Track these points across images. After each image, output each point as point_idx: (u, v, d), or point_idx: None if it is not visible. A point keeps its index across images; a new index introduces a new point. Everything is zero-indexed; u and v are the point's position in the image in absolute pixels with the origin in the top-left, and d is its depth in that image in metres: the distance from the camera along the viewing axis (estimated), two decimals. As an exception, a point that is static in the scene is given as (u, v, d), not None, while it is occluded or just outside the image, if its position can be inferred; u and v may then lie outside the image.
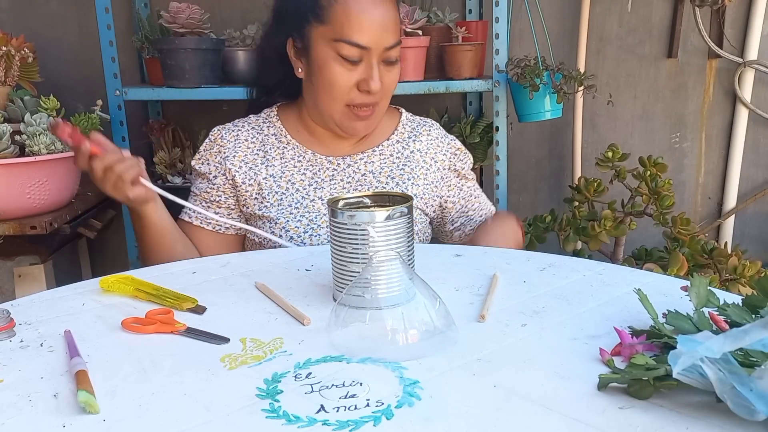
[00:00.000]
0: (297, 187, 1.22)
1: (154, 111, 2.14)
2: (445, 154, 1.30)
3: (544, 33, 1.98)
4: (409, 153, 1.27)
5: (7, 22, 2.06)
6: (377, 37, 1.12)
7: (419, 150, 1.28)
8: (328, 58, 1.14)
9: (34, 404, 0.61)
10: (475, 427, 0.55)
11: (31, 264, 1.68)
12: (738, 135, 2.11)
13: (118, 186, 1.07)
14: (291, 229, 1.18)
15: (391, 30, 1.14)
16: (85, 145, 1.05)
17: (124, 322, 0.78)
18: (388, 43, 1.14)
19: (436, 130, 1.32)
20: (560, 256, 1.01)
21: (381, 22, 1.13)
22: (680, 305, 0.71)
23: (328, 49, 1.14)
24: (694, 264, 1.74)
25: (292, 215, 1.19)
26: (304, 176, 1.23)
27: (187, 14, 1.78)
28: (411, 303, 0.73)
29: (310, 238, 1.18)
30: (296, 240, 1.18)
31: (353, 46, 1.12)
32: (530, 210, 2.17)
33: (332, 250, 0.82)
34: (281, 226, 1.19)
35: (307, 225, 1.19)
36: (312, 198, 1.21)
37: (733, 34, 2.06)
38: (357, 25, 1.11)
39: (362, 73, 1.14)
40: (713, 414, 0.55)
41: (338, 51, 1.13)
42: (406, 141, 1.28)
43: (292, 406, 0.59)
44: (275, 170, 1.23)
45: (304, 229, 1.18)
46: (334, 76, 1.14)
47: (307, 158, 1.24)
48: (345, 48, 1.12)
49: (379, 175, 1.24)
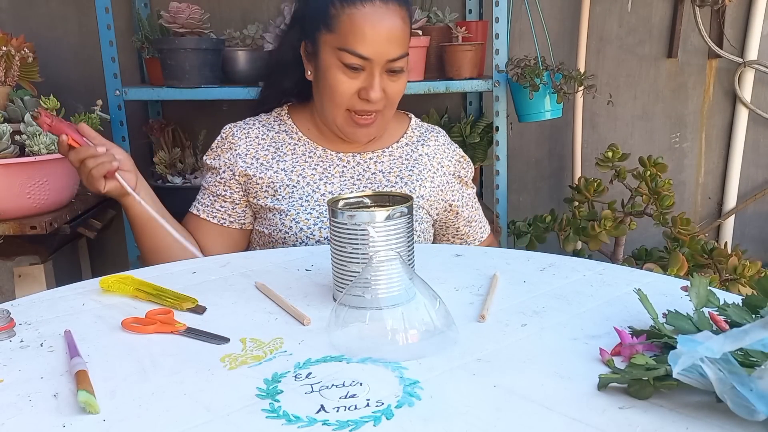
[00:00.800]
0: (308, 180, 1.24)
1: (154, 111, 2.13)
2: (450, 160, 1.34)
3: (544, 33, 1.98)
4: (418, 156, 1.30)
5: (7, 22, 2.06)
6: (380, 49, 1.14)
7: (427, 154, 1.31)
8: (332, 65, 1.17)
9: (34, 404, 0.61)
10: (475, 427, 0.55)
11: (31, 264, 1.68)
12: (738, 135, 2.11)
13: (90, 180, 1.11)
14: (301, 221, 1.20)
15: (396, 43, 1.16)
16: (63, 136, 1.09)
17: (124, 322, 0.78)
18: (391, 55, 1.16)
19: (443, 137, 1.36)
20: (560, 256, 1.01)
21: (386, 35, 1.14)
22: (680, 305, 0.71)
23: (332, 57, 1.17)
24: (694, 264, 1.74)
25: (302, 207, 1.21)
26: (314, 171, 1.26)
27: (187, 14, 1.78)
28: (411, 303, 0.73)
29: (320, 231, 1.20)
30: (306, 232, 1.20)
31: (355, 57, 1.15)
32: (530, 210, 2.17)
33: (332, 250, 0.82)
34: (292, 217, 1.21)
35: (317, 218, 1.21)
36: (322, 192, 1.24)
37: (733, 34, 2.06)
38: (361, 37, 1.13)
39: (363, 81, 1.17)
40: (713, 414, 0.55)
41: (341, 59, 1.16)
42: (414, 144, 1.32)
43: (292, 406, 0.59)
44: (286, 165, 1.26)
45: (314, 221, 1.21)
46: (336, 83, 1.17)
47: (318, 154, 1.27)
48: (348, 57, 1.15)
49: (389, 174, 1.27)
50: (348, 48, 1.14)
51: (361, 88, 1.17)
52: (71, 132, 1.09)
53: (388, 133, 1.32)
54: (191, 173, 1.98)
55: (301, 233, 1.20)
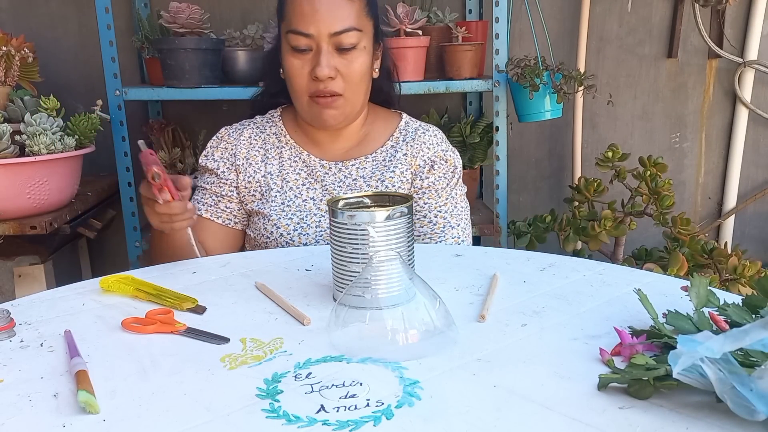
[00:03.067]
0: (291, 185, 1.25)
1: (154, 111, 2.13)
2: (423, 159, 1.25)
3: (544, 33, 1.98)
4: (401, 156, 1.25)
5: (7, 22, 2.06)
6: (320, 23, 1.14)
7: (406, 153, 1.25)
8: (286, 52, 1.18)
9: (34, 404, 0.61)
10: (475, 427, 0.55)
11: (31, 264, 1.68)
12: (738, 135, 2.11)
13: (164, 226, 1.05)
14: (282, 226, 1.21)
15: (338, 16, 1.14)
16: (165, 194, 1.00)
17: (124, 322, 0.78)
18: (334, 28, 1.14)
19: (431, 136, 1.27)
20: (560, 256, 1.01)
21: (326, 9, 1.14)
22: (680, 305, 0.71)
23: (286, 44, 1.18)
24: (694, 264, 1.74)
25: (284, 212, 1.22)
26: (298, 176, 1.26)
27: (187, 14, 1.78)
28: (411, 303, 0.73)
29: (298, 237, 1.20)
30: (286, 237, 1.20)
31: (298, 35, 1.15)
32: (530, 210, 2.17)
33: (332, 250, 0.82)
34: (273, 222, 1.21)
35: (297, 224, 1.21)
36: (304, 198, 1.23)
37: (733, 34, 2.06)
38: (300, 14, 1.14)
39: (312, 61, 1.16)
40: (713, 414, 0.55)
41: (290, 43, 1.16)
42: (399, 145, 1.26)
43: (292, 406, 0.59)
44: (273, 168, 1.26)
45: (294, 227, 1.21)
46: (290, 68, 1.18)
47: (302, 159, 1.27)
48: (293, 38, 1.16)
49: (370, 179, 1.25)
50: (292, 28, 1.15)
51: (312, 68, 1.16)
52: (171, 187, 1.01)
53: (373, 137, 1.28)
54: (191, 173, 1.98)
55: (281, 239, 1.20)
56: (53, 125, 1.53)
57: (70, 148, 1.56)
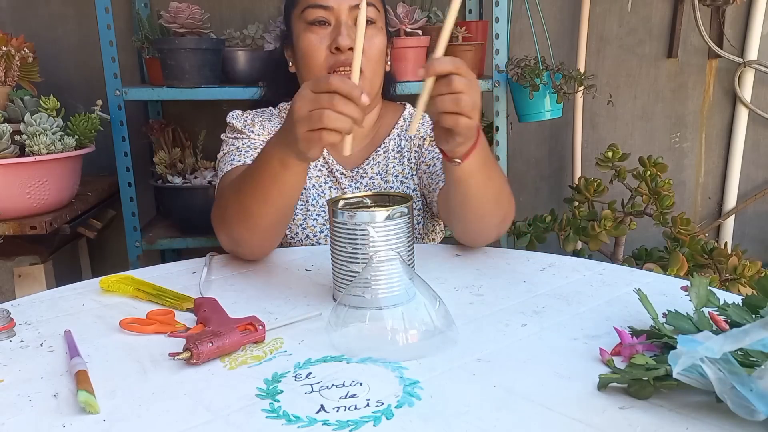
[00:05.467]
0: (313, 182, 1.22)
1: (154, 111, 2.13)
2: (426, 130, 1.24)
3: (544, 33, 1.98)
4: (405, 142, 1.25)
5: (7, 22, 2.06)
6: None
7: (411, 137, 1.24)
8: (301, 31, 1.16)
9: (34, 404, 0.61)
10: (475, 427, 0.55)
11: (31, 264, 1.68)
12: (738, 135, 2.11)
13: (312, 137, 0.80)
14: (308, 227, 1.19)
15: None
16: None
17: (122, 322, 0.78)
18: (353, 1, 1.13)
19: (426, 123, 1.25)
20: (560, 256, 1.01)
21: None
22: (680, 305, 0.71)
23: (301, 23, 1.16)
24: (694, 264, 1.74)
25: (309, 212, 1.20)
26: (320, 173, 1.23)
27: (187, 14, 1.78)
28: (411, 303, 0.73)
29: (325, 239, 1.18)
30: (312, 239, 1.19)
31: (317, 8, 1.13)
32: (530, 210, 2.17)
33: (332, 250, 0.82)
34: (298, 223, 1.19)
35: (322, 225, 1.19)
36: (328, 196, 1.21)
37: (733, 34, 2.06)
38: None
39: (332, 33, 1.14)
40: (713, 414, 0.55)
41: (307, 19, 1.14)
42: (403, 133, 1.26)
43: (292, 406, 0.59)
44: None
45: (320, 229, 1.19)
46: (307, 45, 1.15)
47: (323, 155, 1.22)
48: (311, 12, 1.14)
49: (386, 174, 1.23)
50: (309, 3, 1.13)
51: (332, 41, 1.13)
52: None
53: (382, 126, 1.27)
54: (191, 173, 1.97)
55: (307, 240, 1.19)
56: (53, 125, 1.53)
57: (70, 148, 1.56)
